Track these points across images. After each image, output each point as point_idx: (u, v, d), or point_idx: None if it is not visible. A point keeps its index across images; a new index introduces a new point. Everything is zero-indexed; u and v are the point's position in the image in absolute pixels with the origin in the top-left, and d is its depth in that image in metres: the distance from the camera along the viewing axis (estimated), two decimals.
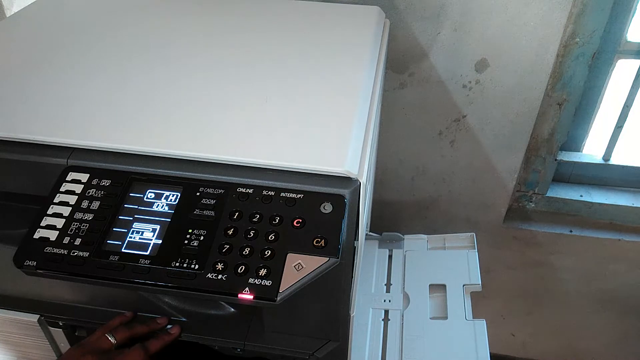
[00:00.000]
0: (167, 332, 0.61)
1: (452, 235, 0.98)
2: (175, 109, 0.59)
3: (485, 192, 1.16)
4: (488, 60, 0.95)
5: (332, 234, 0.48)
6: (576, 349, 1.49)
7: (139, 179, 0.53)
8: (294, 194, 0.50)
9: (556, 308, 1.39)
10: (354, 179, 0.51)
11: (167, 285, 0.47)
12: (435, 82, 1.00)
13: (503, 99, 1.00)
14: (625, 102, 1.04)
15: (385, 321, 0.85)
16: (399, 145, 1.11)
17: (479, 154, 1.09)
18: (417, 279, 0.90)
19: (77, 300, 0.64)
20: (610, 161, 1.14)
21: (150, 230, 0.50)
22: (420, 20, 0.92)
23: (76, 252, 0.48)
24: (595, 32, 0.93)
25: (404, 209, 1.23)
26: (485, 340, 0.78)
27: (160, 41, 0.72)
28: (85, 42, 0.72)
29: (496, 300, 1.41)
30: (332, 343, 0.61)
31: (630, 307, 1.34)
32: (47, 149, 0.55)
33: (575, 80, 0.99)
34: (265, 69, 0.66)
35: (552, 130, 1.08)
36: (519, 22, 0.90)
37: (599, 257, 1.24)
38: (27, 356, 0.71)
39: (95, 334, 0.58)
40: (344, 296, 0.56)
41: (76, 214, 0.51)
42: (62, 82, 0.63)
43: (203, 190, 0.51)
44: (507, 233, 1.23)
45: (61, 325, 0.65)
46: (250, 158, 0.52)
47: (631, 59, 1.00)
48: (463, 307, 0.84)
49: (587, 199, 1.18)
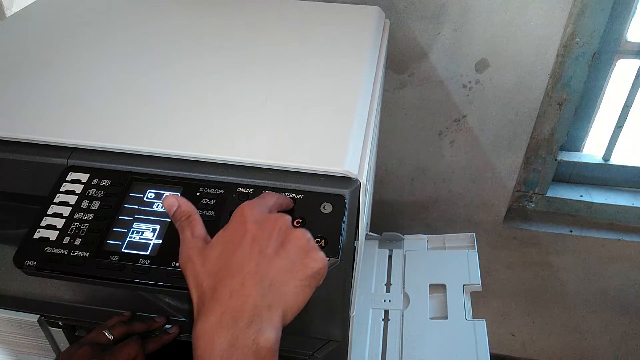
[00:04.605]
0: (167, 332, 0.61)
1: (452, 235, 0.98)
2: (176, 109, 0.59)
3: (485, 192, 1.16)
4: (488, 60, 0.95)
5: (332, 234, 0.48)
6: (576, 349, 1.49)
7: (139, 179, 0.53)
8: (294, 194, 0.50)
9: (556, 308, 1.39)
10: (354, 179, 0.51)
11: (167, 285, 0.47)
12: (435, 82, 1.00)
13: (503, 99, 1.00)
14: (625, 102, 1.04)
15: (385, 321, 0.85)
16: (399, 145, 1.11)
17: (479, 154, 1.09)
18: (417, 279, 0.90)
19: (77, 300, 0.64)
20: (610, 161, 1.14)
21: (150, 230, 0.50)
22: (420, 20, 0.92)
23: (76, 252, 0.48)
24: (595, 32, 0.93)
25: (404, 209, 1.23)
26: (485, 340, 0.78)
27: (160, 41, 0.72)
28: (85, 42, 0.72)
29: (496, 300, 1.41)
30: (332, 343, 0.61)
31: (630, 307, 1.34)
32: (47, 149, 0.55)
33: (575, 80, 0.99)
34: (265, 68, 0.66)
35: (552, 130, 1.08)
36: (519, 22, 0.90)
37: (599, 257, 1.24)
38: (27, 356, 0.71)
39: (92, 332, 0.58)
40: (344, 296, 0.56)
41: (76, 214, 0.51)
42: (62, 82, 0.63)
43: (203, 190, 0.51)
44: (507, 233, 1.23)
45: (61, 325, 0.65)
46: (250, 158, 0.52)
47: (631, 59, 1.00)
48: (463, 307, 0.84)
49: (587, 199, 1.19)
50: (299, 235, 0.42)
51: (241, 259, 0.40)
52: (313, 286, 0.41)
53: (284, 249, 0.41)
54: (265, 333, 0.37)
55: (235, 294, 0.38)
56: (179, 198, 0.46)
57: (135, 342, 0.57)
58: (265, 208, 0.45)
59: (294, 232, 0.42)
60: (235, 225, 0.42)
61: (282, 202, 0.48)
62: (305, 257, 0.41)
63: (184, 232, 0.44)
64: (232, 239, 0.41)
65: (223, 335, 0.36)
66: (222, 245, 0.41)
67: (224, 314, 0.37)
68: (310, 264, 0.41)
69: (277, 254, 0.41)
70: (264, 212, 0.44)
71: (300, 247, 0.41)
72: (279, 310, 0.39)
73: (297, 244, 0.41)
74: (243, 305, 0.38)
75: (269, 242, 0.41)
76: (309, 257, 0.41)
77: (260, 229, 0.41)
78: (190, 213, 0.45)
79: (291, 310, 0.40)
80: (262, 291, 0.38)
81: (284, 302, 0.39)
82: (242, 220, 0.42)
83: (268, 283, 0.39)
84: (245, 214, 0.42)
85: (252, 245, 0.40)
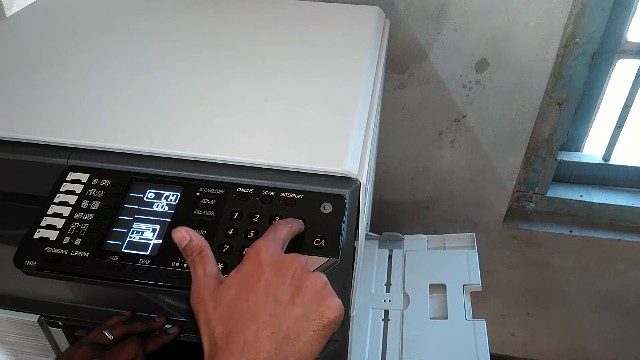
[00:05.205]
0: (167, 332, 0.61)
1: (452, 235, 0.98)
2: (176, 109, 0.59)
3: (485, 192, 1.16)
4: (488, 60, 0.95)
5: (332, 234, 0.48)
6: (576, 349, 1.49)
7: (139, 179, 0.53)
8: (294, 194, 0.50)
9: (556, 308, 1.39)
10: (354, 179, 0.51)
11: (167, 285, 0.47)
12: (435, 82, 1.00)
13: (503, 99, 1.00)
14: (625, 102, 1.04)
15: (385, 321, 0.85)
16: (399, 145, 1.11)
17: (479, 154, 1.09)
18: (417, 279, 0.90)
19: (77, 300, 0.64)
20: (610, 161, 1.14)
21: (150, 230, 0.50)
22: (420, 20, 0.92)
23: (76, 252, 0.48)
24: (595, 32, 0.93)
25: (404, 209, 1.23)
26: (485, 340, 0.78)
27: (160, 41, 0.72)
28: (85, 42, 0.72)
29: (496, 300, 1.41)
30: (332, 343, 0.61)
31: (630, 307, 1.34)
32: (47, 149, 0.55)
33: (575, 80, 0.99)
34: (265, 68, 0.66)
35: (552, 130, 1.08)
36: (519, 22, 0.90)
37: (599, 257, 1.24)
38: (27, 356, 0.71)
39: (92, 332, 0.58)
40: (344, 296, 0.56)
41: (76, 214, 0.51)
42: (62, 82, 0.63)
43: (203, 190, 0.51)
44: (507, 233, 1.23)
45: (61, 325, 0.65)
46: (250, 158, 0.52)
47: (631, 59, 1.00)
48: (463, 307, 0.84)
49: (587, 199, 1.19)
50: (314, 281, 0.40)
51: (255, 306, 0.39)
52: (328, 335, 0.40)
53: (299, 295, 0.39)
54: None
55: (249, 346, 0.37)
56: (190, 232, 0.44)
57: (135, 342, 0.57)
58: (279, 242, 0.43)
59: (310, 276, 0.41)
60: (250, 267, 0.41)
61: (294, 230, 0.46)
62: (321, 305, 0.39)
63: (195, 269, 0.43)
64: (246, 282, 0.40)
65: None
66: (235, 288, 0.40)
67: None
68: (326, 312, 0.39)
69: (292, 301, 0.39)
70: (279, 248, 0.43)
71: (315, 293, 0.40)
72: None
73: (312, 290, 0.40)
74: (256, 358, 0.37)
75: (283, 287, 0.39)
76: (324, 305, 0.40)
77: (275, 273, 0.40)
78: (202, 248, 0.43)
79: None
80: (275, 344, 0.37)
81: (298, 354, 0.38)
82: (258, 262, 0.40)
83: (282, 335, 0.38)
84: (261, 255, 0.41)
85: (267, 292, 0.39)
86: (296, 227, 0.47)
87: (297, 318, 0.39)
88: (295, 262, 0.41)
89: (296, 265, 0.41)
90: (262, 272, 0.40)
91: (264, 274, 0.40)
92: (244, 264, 0.41)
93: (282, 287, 0.39)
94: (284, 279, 0.40)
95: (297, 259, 0.42)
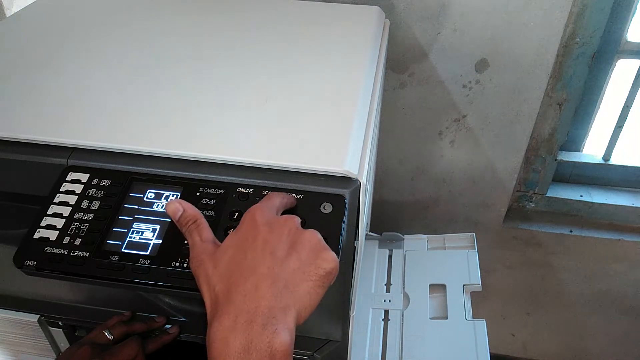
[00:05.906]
0: (167, 332, 0.61)
1: (452, 235, 0.98)
2: (175, 109, 0.59)
3: (485, 192, 1.16)
4: (488, 60, 0.95)
5: (332, 234, 0.48)
6: (576, 349, 1.49)
7: (139, 179, 0.53)
8: (294, 193, 0.50)
9: (556, 308, 1.39)
10: (354, 179, 0.51)
11: (167, 285, 0.47)
12: (435, 82, 1.00)
13: (503, 99, 1.00)
14: (625, 102, 1.04)
15: (385, 321, 0.85)
16: (399, 145, 1.11)
17: (479, 154, 1.09)
18: (417, 279, 0.90)
19: (77, 300, 0.64)
20: (610, 161, 1.14)
21: (150, 230, 0.50)
22: (420, 20, 0.92)
23: (76, 252, 0.48)
24: (595, 32, 0.93)
25: (404, 209, 1.23)
26: (485, 340, 0.78)
27: (160, 41, 0.72)
28: (85, 42, 0.72)
29: (496, 300, 1.41)
30: (332, 343, 0.61)
31: (630, 307, 1.34)
32: (47, 149, 0.55)
33: (575, 80, 0.99)
34: (265, 68, 0.66)
35: (552, 130, 1.08)
36: (518, 22, 0.90)
37: (599, 257, 1.24)
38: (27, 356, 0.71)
39: (92, 332, 0.58)
40: (344, 296, 0.56)
41: (76, 214, 0.51)
42: (62, 82, 0.63)
43: (203, 190, 0.51)
44: (507, 233, 1.23)
45: (61, 325, 0.65)
46: (250, 158, 0.52)
47: (631, 59, 1.00)
48: (463, 307, 0.84)
49: (587, 199, 1.19)
50: (309, 237, 0.42)
51: (253, 261, 0.40)
52: (326, 286, 0.41)
53: (296, 250, 0.41)
54: (280, 336, 0.37)
55: (249, 296, 0.38)
56: (183, 203, 0.46)
57: (135, 342, 0.57)
58: (273, 209, 0.45)
59: (304, 233, 0.43)
60: (246, 228, 0.42)
61: (287, 201, 0.48)
62: (317, 258, 0.41)
63: (192, 237, 0.44)
64: (243, 241, 0.41)
65: (238, 338, 0.36)
66: (233, 248, 0.41)
67: (239, 316, 0.37)
68: (322, 264, 0.41)
69: (289, 255, 0.41)
70: (273, 213, 0.44)
71: (311, 248, 0.42)
72: (293, 311, 0.39)
73: (308, 245, 0.42)
74: (257, 307, 0.37)
75: (280, 244, 0.41)
76: (320, 258, 0.41)
77: (271, 232, 0.42)
78: (196, 217, 0.45)
79: (305, 311, 0.40)
80: (276, 293, 0.38)
81: (298, 303, 0.39)
82: (253, 224, 0.42)
83: (282, 285, 0.39)
84: (256, 217, 0.42)
85: (264, 248, 0.40)
86: (288, 200, 0.48)
87: (295, 270, 0.40)
88: (290, 221, 0.43)
89: (291, 224, 0.43)
90: (258, 231, 0.41)
91: (261, 233, 0.41)
92: (241, 227, 0.43)
93: (279, 243, 0.41)
94: (280, 236, 0.41)
95: (292, 219, 0.43)
